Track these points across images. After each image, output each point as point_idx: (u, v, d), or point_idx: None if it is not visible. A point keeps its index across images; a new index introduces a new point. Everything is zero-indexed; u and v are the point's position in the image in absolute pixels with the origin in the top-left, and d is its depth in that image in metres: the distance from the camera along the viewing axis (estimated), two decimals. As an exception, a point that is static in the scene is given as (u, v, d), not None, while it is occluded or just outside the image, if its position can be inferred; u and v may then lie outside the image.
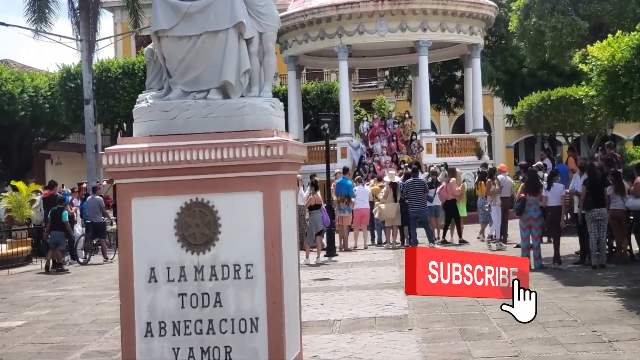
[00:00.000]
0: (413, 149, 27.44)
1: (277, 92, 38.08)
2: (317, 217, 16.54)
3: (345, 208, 18.45)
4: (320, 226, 16.57)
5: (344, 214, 18.46)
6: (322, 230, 16.77)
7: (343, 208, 18.43)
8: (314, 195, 16.60)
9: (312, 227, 16.54)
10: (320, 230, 16.70)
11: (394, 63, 35.09)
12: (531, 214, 13.52)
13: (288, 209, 6.15)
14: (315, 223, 16.49)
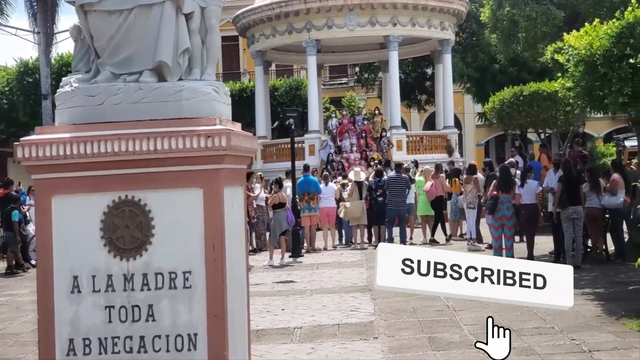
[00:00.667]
0: (382, 145, 26.82)
1: (244, 88, 37.36)
2: (281, 216, 15.82)
3: (314, 206, 17.75)
4: (285, 226, 15.85)
5: (311, 213, 17.75)
6: (286, 230, 16.05)
7: (312, 207, 17.72)
8: (279, 193, 15.87)
9: (276, 227, 15.82)
10: (285, 230, 15.98)
11: (364, 59, 34.45)
12: (504, 213, 12.93)
13: (234, 207, 5.41)
14: (279, 222, 15.77)
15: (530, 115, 20.04)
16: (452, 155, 28.41)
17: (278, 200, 15.72)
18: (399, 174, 17.68)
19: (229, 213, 5.19)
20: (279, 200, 15.75)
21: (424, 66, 36.74)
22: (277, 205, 15.77)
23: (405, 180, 17.62)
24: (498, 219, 12.98)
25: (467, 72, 34.09)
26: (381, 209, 17.72)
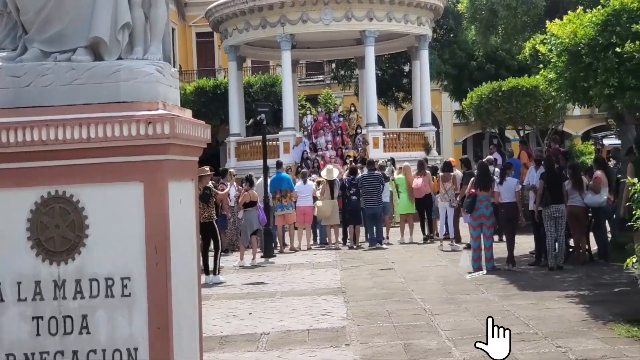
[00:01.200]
0: (358, 143, 26.24)
1: (218, 84, 36.65)
2: (252, 215, 15.18)
3: (288, 204, 17.13)
4: (256, 225, 15.21)
5: (284, 211, 17.13)
6: (257, 230, 15.41)
7: (284, 205, 17.09)
8: (249, 191, 15.23)
9: (247, 226, 15.18)
10: (256, 230, 15.34)
11: (340, 55, 33.87)
12: (482, 211, 12.39)
13: (182, 204, 4.77)
14: (250, 222, 15.13)
15: (509, 112, 19.55)
16: (430, 153, 27.87)
17: (249, 198, 15.09)
18: (372, 172, 17.11)
19: (175, 211, 4.55)
20: (250, 198, 15.12)
21: (401, 63, 36.24)
22: (248, 204, 15.14)
23: (379, 178, 17.07)
24: (476, 218, 12.44)
25: (445, 69, 33.63)
26: (355, 208, 17.17)
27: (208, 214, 12.98)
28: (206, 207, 12.93)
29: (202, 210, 12.90)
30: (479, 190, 12.42)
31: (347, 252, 16.49)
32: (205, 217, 12.88)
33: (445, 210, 15.78)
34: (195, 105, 36.61)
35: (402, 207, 17.47)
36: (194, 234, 5.08)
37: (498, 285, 11.01)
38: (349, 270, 13.67)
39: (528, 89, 19.03)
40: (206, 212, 12.92)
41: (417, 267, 13.43)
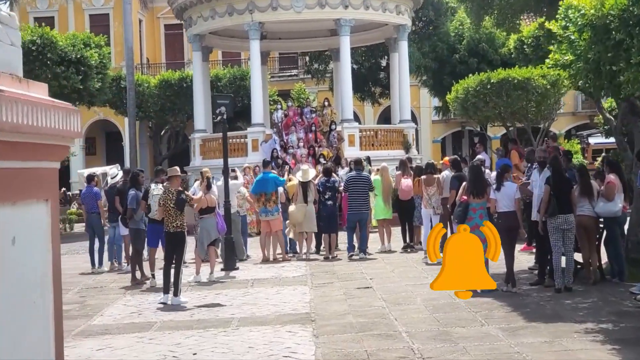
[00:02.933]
0: (332, 140, 24.32)
1: (184, 77, 34.51)
2: (210, 223, 13.19)
3: (273, 209, 15.17)
4: (214, 234, 13.23)
5: (269, 217, 15.17)
6: (216, 240, 13.42)
7: (269, 209, 15.13)
8: (206, 195, 13.24)
9: (204, 236, 13.19)
10: (214, 240, 13.35)
11: (314, 47, 31.93)
12: (476, 222, 10.47)
13: (17, 246, 2.79)
14: (207, 230, 13.15)
15: (498, 106, 17.72)
16: (409, 151, 26.03)
17: (206, 204, 13.10)
18: (360, 173, 15.21)
19: (6, 254, 2.58)
20: (207, 204, 13.12)
21: (378, 56, 34.39)
22: (205, 210, 13.15)
23: (368, 180, 15.19)
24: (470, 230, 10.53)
25: (425, 62, 31.85)
26: (331, 215, 15.26)
27: (179, 223, 11.13)
28: (178, 215, 11.10)
29: (173, 218, 11.02)
30: (471, 197, 10.55)
31: (319, 265, 14.56)
32: (175, 226, 11.07)
33: (429, 218, 13.90)
34: (160, 99, 34.58)
35: (378, 212, 15.60)
36: (47, 296, 3.09)
37: (499, 313, 9.14)
38: (320, 289, 11.73)
39: (520, 82, 17.23)
40: (177, 221, 11.11)
41: (400, 285, 11.52)
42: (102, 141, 48.39)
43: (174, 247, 11.12)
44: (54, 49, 24.27)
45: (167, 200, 11.02)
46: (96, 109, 39.49)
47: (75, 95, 25.22)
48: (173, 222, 11.04)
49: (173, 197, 11.00)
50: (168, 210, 11.02)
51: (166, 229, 11.19)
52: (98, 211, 15.28)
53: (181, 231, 11.12)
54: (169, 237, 11.19)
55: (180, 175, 11.61)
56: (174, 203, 10.97)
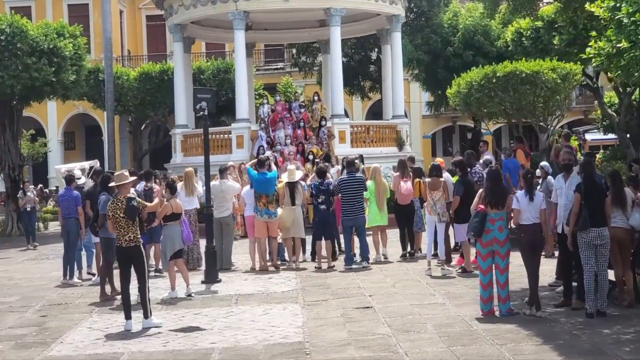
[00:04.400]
0: (322, 137, 22.89)
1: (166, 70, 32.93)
2: (174, 231, 11.69)
3: (274, 210, 13.78)
4: (178, 244, 11.75)
5: (273, 219, 13.78)
6: (180, 250, 11.95)
7: (272, 211, 13.72)
8: (171, 200, 11.78)
9: (167, 246, 11.71)
10: (179, 250, 11.87)
11: (301, 38, 30.47)
12: (495, 235, 9.17)
13: None
14: (170, 239, 11.67)
15: (503, 102, 16.35)
16: (403, 149, 24.69)
17: (170, 210, 11.62)
18: (353, 175, 13.81)
19: None
20: (172, 209, 11.65)
21: (369, 48, 32.98)
22: (170, 217, 11.69)
23: (362, 182, 13.80)
24: (487, 244, 9.21)
25: (417, 55, 30.48)
26: (325, 220, 13.86)
27: (133, 235, 9.57)
28: (130, 226, 9.55)
29: (124, 230, 9.50)
30: (489, 207, 9.18)
31: (310, 276, 13.16)
32: (128, 239, 9.53)
33: (434, 225, 12.51)
34: (140, 92, 33.04)
35: (373, 219, 14.12)
36: None
37: (528, 347, 7.75)
38: (313, 308, 10.33)
39: (528, 75, 15.86)
40: (130, 233, 9.54)
41: (405, 305, 10.14)
42: (81, 135, 46.77)
43: (130, 263, 9.60)
44: (25, 38, 22.64)
45: (116, 210, 9.54)
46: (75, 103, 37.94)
47: (48, 88, 23.67)
48: (125, 235, 9.50)
49: (123, 206, 9.51)
50: (118, 222, 9.51)
51: (118, 243, 9.66)
52: (76, 217, 13.75)
53: (135, 245, 9.56)
54: (122, 253, 9.66)
55: (130, 180, 9.98)
56: (123, 212, 9.48)
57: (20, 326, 10.16)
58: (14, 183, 25.01)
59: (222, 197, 14.42)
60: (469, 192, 11.54)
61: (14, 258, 18.28)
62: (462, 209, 11.63)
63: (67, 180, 14.21)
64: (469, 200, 10.65)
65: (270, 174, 14.08)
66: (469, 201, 10.86)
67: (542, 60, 16.70)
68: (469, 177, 12.44)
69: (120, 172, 10.01)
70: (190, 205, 14.62)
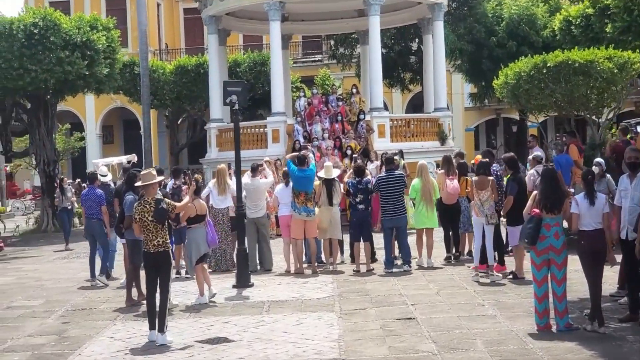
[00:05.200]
0: (360, 131, 22.06)
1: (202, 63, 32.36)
2: (199, 234, 10.97)
3: (312, 208, 13.10)
4: (204, 248, 11.03)
5: (312, 217, 13.07)
6: (205, 255, 11.22)
7: (311, 209, 13.05)
8: (195, 201, 11.06)
9: (192, 250, 10.97)
10: (204, 255, 11.15)
11: (339, 29, 29.63)
12: (551, 242, 8.27)
13: None
14: (195, 243, 10.93)
15: (554, 94, 15.33)
16: (445, 143, 23.76)
17: (194, 211, 10.91)
18: (392, 172, 12.96)
19: None
20: (196, 211, 10.94)
21: (409, 39, 32.00)
22: (194, 219, 10.97)
23: (402, 180, 12.94)
24: (542, 253, 8.32)
25: (460, 45, 29.43)
26: (363, 221, 13.07)
27: (162, 240, 8.83)
28: (159, 230, 8.81)
29: (153, 235, 8.76)
30: (544, 212, 8.28)
31: (348, 281, 12.38)
32: (157, 244, 8.78)
33: (481, 228, 11.61)
34: (177, 86, 32.54)
35: (420, 220, 13.21)
36: None
37: (591, 371, 6.89)
38: (351, 318, 9.55)
39: (581, 65, 14.82)
40: (159, 237, 8.80)
41: (451, 317, 9.29)
42: (120, 129, 46.60)
43: (157, 270, 8.86)
44: (58, 32, 22.19)
45: (143, 213, 8.81)
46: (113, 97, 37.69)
47: (81, 81, 23.20)
48: (154, 240, 8.77)
49: (151, 209, 8.79)
50: (146, 226, 8.80)
51: (145, 248, 8.93)
52: (100, 217, 13.18)
53: (164, 250, 8.83)
54: (150, 259, 8.89)
55: (156, 180, 9.20)
56: (152, 215, 8.74)
57: (40, 334, 9.57)
58: (49, 178, 24.68)
59: (255, 195, 13.73)
60: (522, 191, 10.65)
61: (46, 256, 17.84)
62: (515, 210, 10.74)
63: (90, 178, 13.64)
64: (522, 200, 9.77)
65: (309, 171, 13.33)
66: (522, 201, 10.03)
67: (596, 49, 15.62)
68: (521, 175, 11.51)
69: (147, 171, 9.28)
70: (223, 204, 14.00)
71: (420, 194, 13.03)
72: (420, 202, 13.02)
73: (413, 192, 13.01)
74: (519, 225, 9.91)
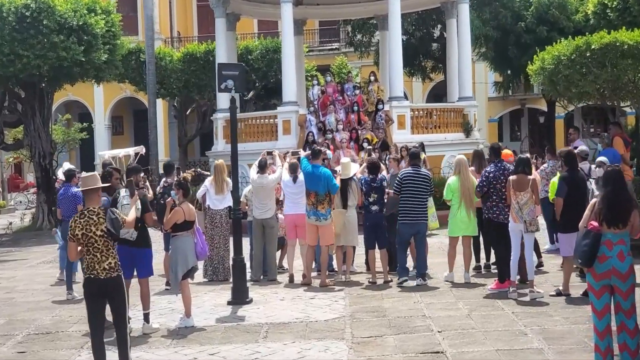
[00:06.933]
0: (379, 122, 20.27)
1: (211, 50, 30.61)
2: (186, 244, 9.23)
3: (326, 212, 11.32)
4: (192, 260, 9.28)
5: (323, 222, 11.32)
6: (192, 268, 9.43)
7: (320, 212, 11.29)
8: (183, 205, 9.35)
9: (178, 261, 9.20)
10: (192, 268, 9.41)
11: (357, 13, 27.79)
12: (614, 265, 6.46)
13: None
14: (183, 255, 9.20)
15: (598, 80, 13.47)
16: (471, 135, 21.92)
17: (182, 217, 9.20)
18: (417, 169, 11.14)
19: None
20: (185, 216, 9.23)
21: (430, 25, 30.09)
22: (181, 226, 9.26)
23: (427, 179, 11.04)
24: (602, 276, 6.51)
25: (486, 31, 27.55)
26: (378, 224, 11.33)
27: (114, 261, 6.74)
28: (111, 248, 6.74)
29: (102, 255, 6.68)
30: (605, 226, 6.49)
31: (362, 295, 10.64)
32: (107, 267, 6.67)
33: (520, 236, 9.80)
34: (184, 74, 30.84)
35: (457, 226, 11.03)
36: None
37: None
38: (364, 350, 7.83)
39: (631, 47, 12.95)
40: (111, 258, 6.70)
41: (488, 351, 7.52)
42: (129, 120, 45.16)
43: (110, 301, 6.77)
44: (52, 14, 20.56)
45: (88, 226, 6.61)
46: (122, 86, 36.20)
47: (78, 68, 21.55)
48: (104, 262, 6.64)
49: (100, 220, 6.64)
50: (93, 243, 6.61)
51: (91, 274, 6.69)
52: None
53: (117, 275, 6.73)
54: (97, 287, 6.67)
55: (101, 186, 7.00)
56: (106, 227, 6.61)
57: (-12, 368, 7.95)
58: (45, 172, 23.16)
59: (263, 194, 12.07)
60: (576, 192, 8.91)
61: (30, 260, 16.24)
62: (567, 213, 9.00)
63: (67, 175, 12.00)
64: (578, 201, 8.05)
65: (324, 170, 11.56)
66: (577, 203, 8.30)
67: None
68: (578, 174, 9.67)
69: (90, 174, 7.13)
70: (221, 205, 12.38)
71: (459, 194, 10.90)
72: (457, 204, 10.93)
73: (449, 193, 11.01)
74: (572, 233, 8.18)
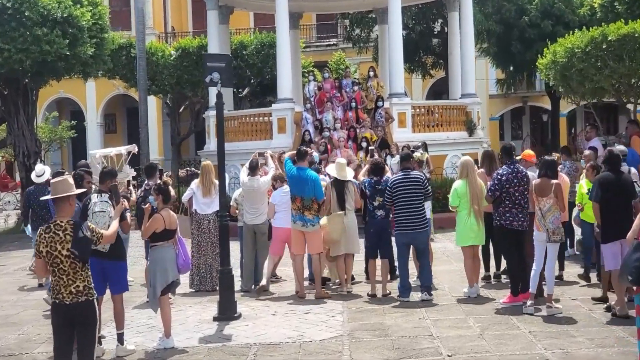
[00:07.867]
0: (379, 119, 19.32)
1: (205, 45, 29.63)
2: (166, 255, 8.22)
3: (314, 219, 10.38)
4: (172, 274, 8.25)
5: (310, 228, 10.38)
6: (173, 283, 8.43)
7: (307, 218, 10.32)
8: (164, 211, 8.35)
9: (157, 275, 8.16)
10: (172, 282, 8.43)
11: (355, 6, 26.85)
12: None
13: None
14: (162, 268, 8.16)
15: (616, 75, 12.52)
16: (474, 134, 20.99)
17: (161, 225, 8.21)
18: (407, 173, 10.14)
19: None
20: (164, 224, 8.23)
21: (431, 19, 29.15)
22: (161, 235, 8.26)
23: (420, 182, 10.03)
24: (650, 296, 5.59)
25: (488, 25, 26.64)
26: (382, 230, 10.36)
27: (83, 284, 5.76)
28: (80, 270, 5.77)
29: (68, 278, 5.72)
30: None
31: (361, 310, 9.69)
32: (74, 291, 5.71)
33: (544, 246, 8.81)
34: (177, 70, 29.81)
35: (465, 235, 10.02)
36: None
37: None
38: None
39: (651, 38, 12.02)
40: (79, 280, 5.73)
41: (506, 383, 6.59)
42: (123, 118, 44.19)
43: (78, 329, 5.77)
44: (35, 6, 19.54)
45: (54, 243, 5.72)
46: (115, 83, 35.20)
47: (62, 63, 20.54)
48: (70, 285, 5.71)
49: (67, 237, 5.74)
50: (59, 264, 5.71)
51: (56, 298, 5.76)
52: None
53: (87, 300, 5.77)
54: (63, 313, 5.74)
55: (74, 193, 6.00)
56: (71, 248, 5.73)
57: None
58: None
59: (255, 198, 11.13)
60: (618, 196, 8.03)
61: (8, 266, 15.29)
62: (607, 221, 8.10)
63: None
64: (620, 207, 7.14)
65: (310, 173, 10.56)
66: (619, 208, 7.40)
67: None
68: (622, 175, 8.66)
69: (60, 178, 6.21)
70: (209, 209, 11.44)
71: (467, 199, 9.89)
72: (466, 210, 9.89)
73: (455, 199, 9.98)
74: (614, 242, 7.28)
